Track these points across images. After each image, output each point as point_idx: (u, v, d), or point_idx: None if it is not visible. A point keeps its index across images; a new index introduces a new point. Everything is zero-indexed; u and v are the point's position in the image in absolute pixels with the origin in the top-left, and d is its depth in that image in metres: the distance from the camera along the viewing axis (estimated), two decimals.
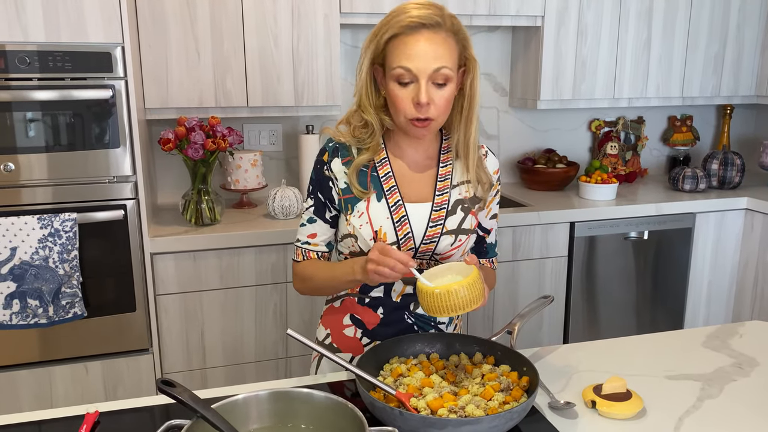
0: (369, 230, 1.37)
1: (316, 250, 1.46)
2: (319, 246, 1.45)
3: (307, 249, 1.46)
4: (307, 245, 1.45)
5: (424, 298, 1.21)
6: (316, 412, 1.09)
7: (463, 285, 1.19)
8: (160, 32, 2.38)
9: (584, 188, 2.96)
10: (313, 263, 1.44)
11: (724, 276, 3.08)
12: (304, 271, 1.45)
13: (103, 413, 1.21)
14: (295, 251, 1.47)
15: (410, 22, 1.27)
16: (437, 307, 1.20)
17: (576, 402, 1.25)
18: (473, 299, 1.19)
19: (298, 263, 1.47)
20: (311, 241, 1.45)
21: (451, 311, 1.19)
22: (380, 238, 1.37)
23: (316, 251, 1.46)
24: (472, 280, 1.20)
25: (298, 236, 1.47)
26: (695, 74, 3.11)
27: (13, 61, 2.02)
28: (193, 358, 2.43)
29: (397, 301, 1.44)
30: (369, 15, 2.60)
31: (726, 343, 1.54)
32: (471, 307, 1.19)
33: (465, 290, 1.19)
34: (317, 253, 1.46)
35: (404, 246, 1.38)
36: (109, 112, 2.13)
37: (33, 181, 2.12)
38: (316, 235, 1.45)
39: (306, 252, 1.46)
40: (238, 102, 2.51)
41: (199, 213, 2.45)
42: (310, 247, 1.45)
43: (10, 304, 2.11)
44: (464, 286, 1.19)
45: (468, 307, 1.19)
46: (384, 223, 1.37)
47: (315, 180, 1.44)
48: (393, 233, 1.37)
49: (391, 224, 1.37)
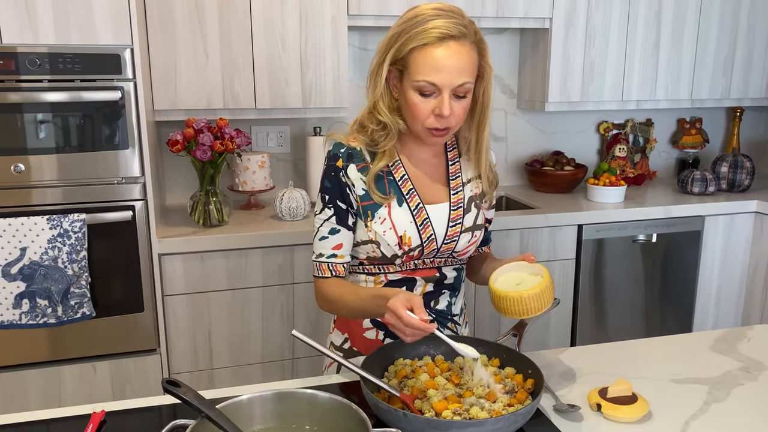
0: (393, 236, 1.36)
1: (343, 262, 1.40)
2: (345, 257, 1.40)
3: (334, 263, 1.39)
4: (333, 258, 1.39)
5: (500, 302, 1.26)
6: (321, 413, 1.09)
7: (540, 288, 1.24)
8: (168, 34, 2.39)
9: (592, 191, 2.95)
10: (339, 285, 1.38)
11: (733, 279, 3.06)
12: (330, 292, 1.38)
13: (109, 413, 1.21)
14: (319, 267, 1.40)
15: (438, 34, 1.24)
16: (513, 310, 1.25)
17: (581, 405, 1.24)
18: (546, 301, 1.25)
19: (324, 280, 1.39)
20: (338, 253, 1.39)
21: (525, 314, 1.24)
22: (405, 243, 1.36)
23: (343, 263, 1.40)
24: (547, 283, 1.25)
25: (320, 251, 1.40)
26: (704, 76, 3.09)
27: (23, 62, 2.04)
28: (200, 358, 2.44)
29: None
30: (377, 17, 2.61)
31: (734, 347, 1.53)
32: (543, 309, 1.25)
33: (541, 293, 1.24)
34: (344, 266, 1.40)
35: (428, 248, 1.39)
36: (118, 113, 2.15)
37: (43, 181, 2.13)
38: (342, 245, 1.39)
39: (333, 266, 1.39)
40: (246, 104, 2.52)
41: (206, 214, 2.46)
42: (337, 260, 1.39)
43: (20, 303, 2.12)
44: (541, 290, 1.24)
45: (541, 310, 1.25)
46: (408, 228, 1.37)
47: (331, 188, 1.38)
48: (417, 237, 1.37)
49: (414, 228, 1.37)
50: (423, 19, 1.26)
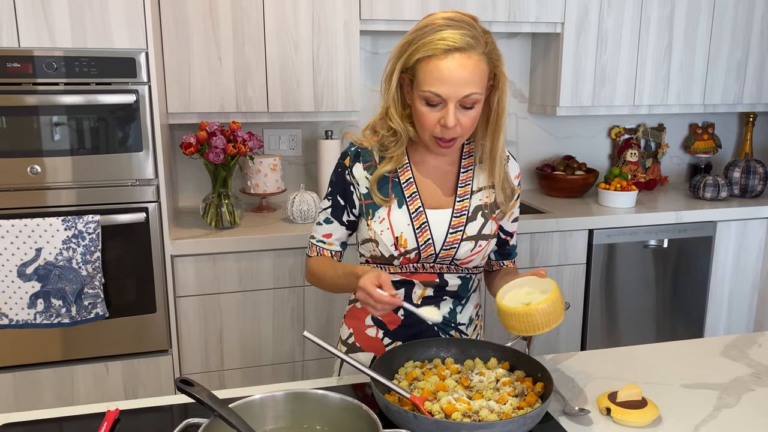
0: (390, 236, 1.38)
1: (330, 249, 1.49)
2: (333, 245, 1.49)
3: (321, 247, 1.49)
4: (321, 243, 1.49)
5: (508, 319, 1.23)
6: (331, 414, 1.10)
7: (547, 303, 1.20)
8: (183, 39, 2.42)
9: (603, 195, 2.95)
10: (322, 261, 1.47)
11: (745, 285, 3.05)
12: (313, 267, 1.48)
13: (123, 411, 1.23)
14: (310, 246, 1.51)
15: (444, 46, 1.25)
16: (521, 327, 1.21)
17: (591, 409, 1.25)
18: (556, 317, 1.21)
19: (310, 258, 1.50)
20: (326, 240, 1.48)
21: (534, 330, 1.20)
22: (401, 245, 1.38)
23: (330, 250, 1.49)
24: (555, 298, 1.21)
25: (313, 233, 1.50)
26: (717, 81, 3.08)
27: (40, 66, 2.07)
28: (212, 359, 2.46)
29: (417, 303, 1.45)
30: (389, 22, 2.62)
31: (744, 353, 1.52)
32: (554, 325, 1.21)
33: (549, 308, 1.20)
34: (331, 252, 1.49)
35: (425, 252, 1.40)
36: (132, 116, 2.17)
37: (58, 183, 2.16)
38: (330, 235, 1.48)
39: (320, 249, 1.49)
40: (259, 107, 2.55)
41: (219, 216, 2.48)
42: (324, 246, 1.49)
43: (35, 303, 2.15)
44: (548, 304, 1.20)
45: (551, 325, 1.21)
46: (405, 230, 1.38)
47: (335, 183, 1.46)
48: (413, 240, 1.38)
49: (411, 231, 1.38)
50: (432, 29, 1.27)
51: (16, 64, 2.05)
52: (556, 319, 1.21)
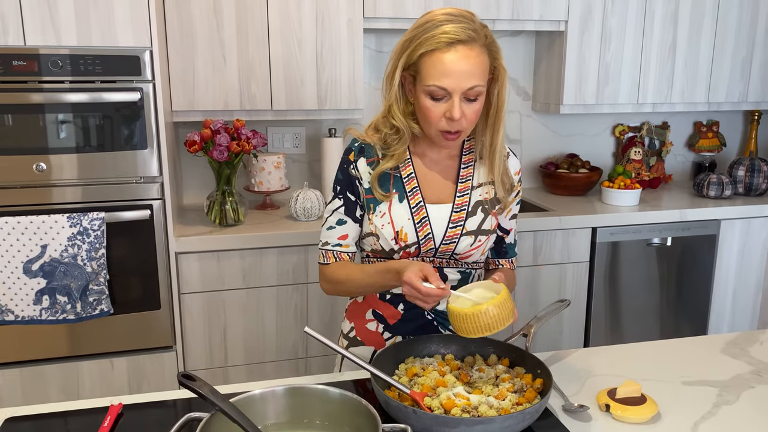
0: (390, 230, 1.40)
1: (347, 251, 1.45)
2: (350, 247, 1.45)
3: (339, 251, 1.44)
4: (338, 248, 1.44)
5: (456, 320, 1.20)
6: (331, 409, 1.11)
7: (493, 304, 1.17)
8: (187, 37, 2.43)
9: (607, 193, 2.95)
10: (345, 266, 1.43)
11: (749, 284, 3.04)
12: (335, 274, 1.43)
13: (126, 406, 1.24)
14: (324, 254, 1.45)
15: (447, 39, 1.26)
16: (469, 328, 1.19)
17: (590, 405, 1.25)
18: (504, 318, 1.18)
19: (328, 266, 1.45)
20: (343, 242, 1.44)
21: (482, 331, 1.18)
22: (401, 239, 1.39)
23: (347, 252, 1.45)
24: (503, 299, 1.18)
25: (326, 240, 1.45)
26: (722, 79, 3.07)
27: (46, 64, 2.09)
28: (215, 356, 2.47)
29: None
30: (392, 20, 2.63)
31: (745, 351, 1.52)
32: (502, 326, 1.18)
33: (496, 309, 1.17)
34: (348, 255, 1.45)
35: (425, 246, 1.40)
36: (137, 114, 2.19)
37: (63, 180, 2.18)
38: (347, 236, 1.44)
39: (338, 254, 1.44)
40: (263, 105, 2.56)
41: (223, 214, 2.49)
42: (342, 249, 1.44)
43: (40, 299, 2.17)
44: (495, 305, 1.17)
45: (499, 326, 1.17)
46: (405, 224, 1.39)
47: (342, 180, 1.44)
48: (414, 234, 1.39)
49: (412, 225, 1.39)
50: (433, 24, 1.29)
51: (22, 63, 2.07)
52: (504, 320, 1.17)
